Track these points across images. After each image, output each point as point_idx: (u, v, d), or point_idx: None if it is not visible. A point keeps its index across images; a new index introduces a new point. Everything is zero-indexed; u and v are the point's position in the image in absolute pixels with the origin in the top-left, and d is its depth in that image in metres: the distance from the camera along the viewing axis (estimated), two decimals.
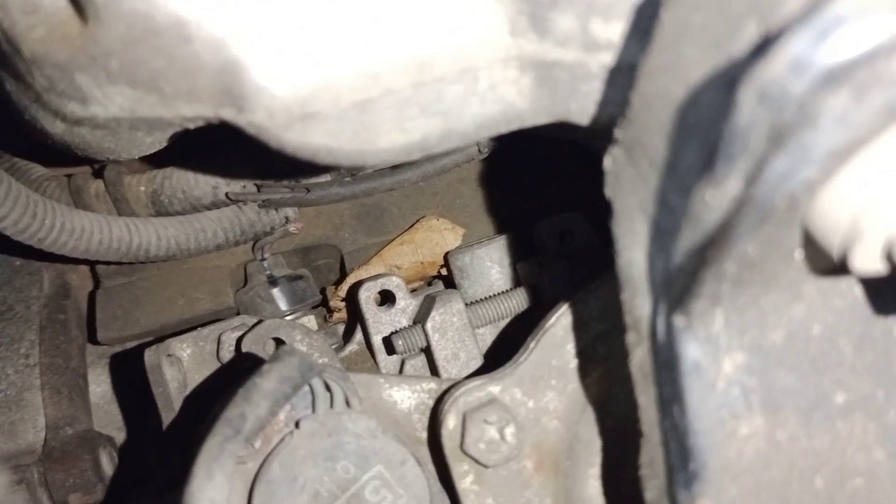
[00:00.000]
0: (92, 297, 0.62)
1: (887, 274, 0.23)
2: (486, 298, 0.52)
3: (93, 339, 0.61)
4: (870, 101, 0.19)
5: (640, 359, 0.29)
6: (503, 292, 0.53)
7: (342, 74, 0.29)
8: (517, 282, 0.54)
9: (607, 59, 0.28)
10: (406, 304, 0.54)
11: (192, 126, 0.32)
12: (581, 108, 0.30)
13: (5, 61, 0.32)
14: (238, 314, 0.59)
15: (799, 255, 0.24)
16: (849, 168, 0.21)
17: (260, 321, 0.50)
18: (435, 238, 0.60)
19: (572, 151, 0.60)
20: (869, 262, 0.23)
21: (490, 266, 0.56)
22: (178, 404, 0.48)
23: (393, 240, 0.61)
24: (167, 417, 0.47)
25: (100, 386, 0.63)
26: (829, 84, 0.18)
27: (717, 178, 0.21)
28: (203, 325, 0.52)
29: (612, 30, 0.27)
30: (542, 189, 0.60)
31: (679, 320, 0.27)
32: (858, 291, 0.27)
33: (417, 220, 0.60)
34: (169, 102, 0.30)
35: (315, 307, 0.63)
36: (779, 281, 0.26)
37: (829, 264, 0.24)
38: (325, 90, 0.29)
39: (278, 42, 0.28)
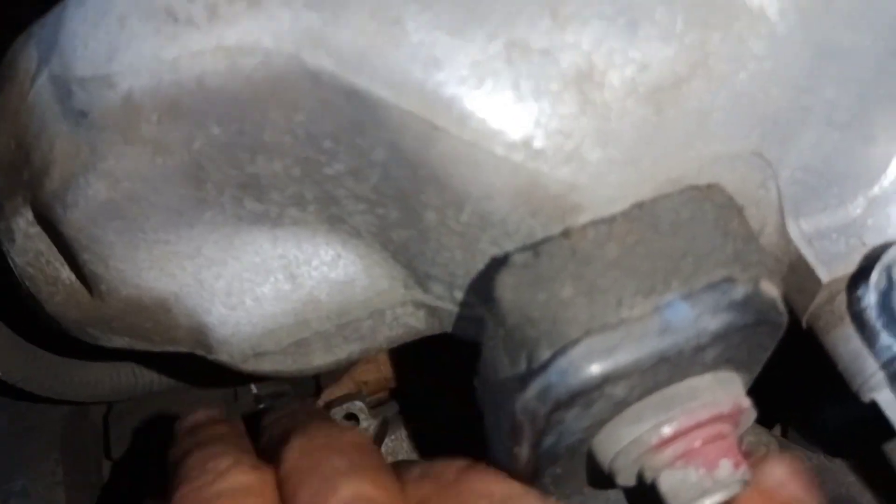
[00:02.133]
0: (106, 418, 0.72)
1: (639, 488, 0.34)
2: None
3: (107, 454, 0.72)
4: (593, 407, 0.29)
5: None
6: None
7: (281, 326, 0.40)
8: None
9: (470, 312, 0.39)
10: (368, 425, 0.65)
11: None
12: (460, 332, 0.41)
13: (31, 311, 0.43)
14: None
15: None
16: (602, 431, 0.32)
17: None
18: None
19: None
20: (629, 483, 0.33)
21: None
22: None
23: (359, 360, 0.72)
24: None
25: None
26: (563, 406, 0.29)
27: (517, 441, 0.32)
28: None
29: (469, 297, 0.38)
30: None
31: None
32: None
33: None
34: (157, 346, 0.41)
35: None
36: (591, 481, 0.37)
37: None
38: (269, 337, 0.40)
39: (233, 308, 0.39)
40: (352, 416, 0.67)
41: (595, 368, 0.28)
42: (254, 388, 0.73)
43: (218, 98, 0.32)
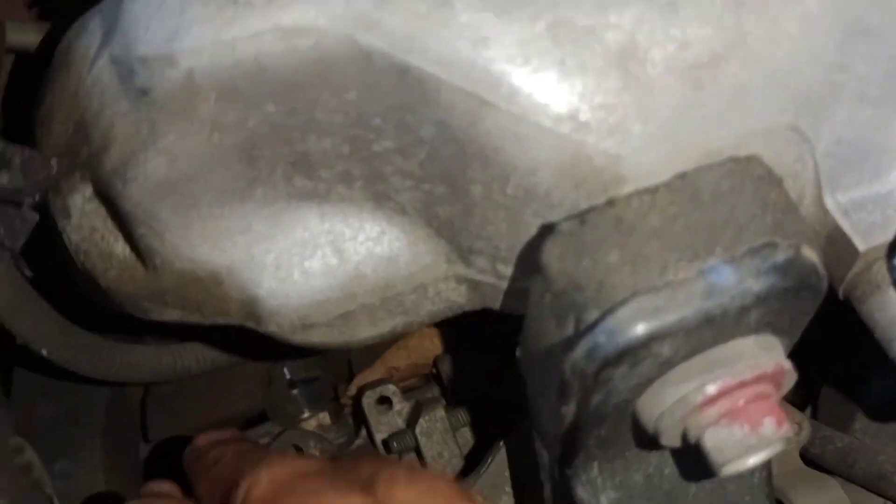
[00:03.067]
0: (143, 402, 0.74)
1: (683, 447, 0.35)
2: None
3: (145, 437, 0.74)
4: (640, 366, 0.31)
5: (547, 492, 0.41)
6: None
7: (328, 298, 0.41)
8: None
9: (509, 284, 0.40)
10: (401, 408, 0.66)
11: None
12: (502, 306, 0.42)
13: (85, 285, 0.45)
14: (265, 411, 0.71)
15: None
16: (648, 392, 0.33)
17: (282, 431, 0.62)
18: (426, 343, 0.73)
19: None
20: (673, 443, 0.34)
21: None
22: None
23: (392, 344, 0.73)
24: None
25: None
26: (611, 364, 0.30)
27: (564, 400, 0.33)
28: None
29: (512, 270, 0.39)
30: None
31: (567, 470, 0.39)
32: None
33: None
34: (208, 318, 0.43)
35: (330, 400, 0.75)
36: (634, 443, 0.38)
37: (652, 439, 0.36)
38: (316, 309, 0.41)
39: (282, 281, 0.41)
40: (385, 400, 0.69)
41: (642, 327, 0.29)
42: (287, 374, 0.74)
43: (274, 78, 0.33)
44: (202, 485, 0.39)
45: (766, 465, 0.40)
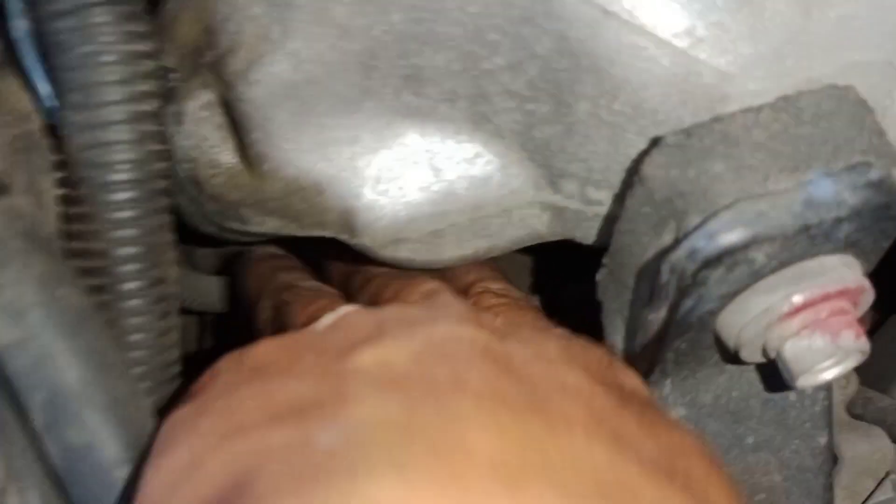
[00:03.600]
0: (200, 339, 0.77)
1: (766, 362, 0.37)
2: None
3: None
4: (735, 271, 0.33)
5: None
6: None
7: (423, 215, 0.44)
8: None
9: (598, 210, 0.42)
10: None
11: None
12: (582, 235, 0.44)
13: (188, 194, 0.47)
14: None
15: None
16: (734, 303, 0.35)
17: None
18: None
19: None
20: (752, 357, 0.37)
21: None
22: None
23: None
24: None
25: None
26: (710, 265, 0.32)
27: (653, 308, 0.35)
28: None
29: (602, 194, 0.41)
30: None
31: None
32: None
33: None
34: (305, 229, 0.45)
35: None
36: (708, 362, 0.40)
37: (732, 355, 0.38)
38: (410, 225, 0.44)
39: (381, 194, 0.43)
40: None
41: (743, 230, 0.32)
42: None
43: None
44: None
45: (828, 396, 0.43)
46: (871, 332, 0.58)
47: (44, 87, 0.40)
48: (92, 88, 0.38)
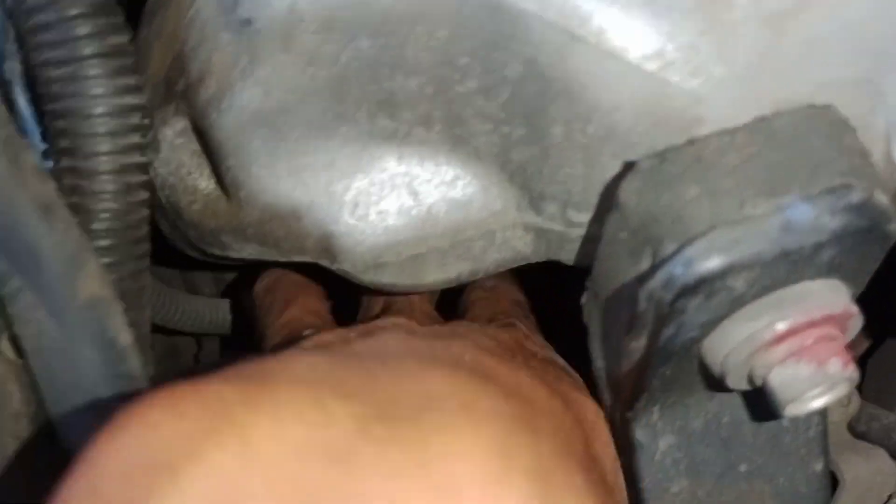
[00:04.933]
0: (196, 357, 0.77)
1: (752, 389, 0.36)
2: None
3: None
4: (714, 299, 0.32)
5: None
6: None
7: (403, 239, 0.43)
8: None
9: (580, 232, 0.41)
10: None
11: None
12: (566, 257, 0.43)
13: (168, 220, 0.47)
14: None
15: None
16: (716, 330, 0.34)
17: None
18: None
19: None
20: (738, 384, 0.35)
21: None
22: None
23: None
24: None
25: None
26: (687, 294, 0.31)
27: (633, 336, 0.34)
28: None
29: (583, 216, 0.40)
30: None
31: (628, 414, 0.40)
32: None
33: None
34: (285, 255, 0.44)
35: None
36: (695, 387, 0.39)
37: (717, 382, 0.37)
38: (390, 249, 0.43)
39: (359, 219, 0.42)
40: None
41: (720, 258, 0.31)
42: None
43: (371, 11, 0.35)
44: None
45: (822, 420, 0.41)
46: (866, 357, 0.57)
47: (33, 130, 0.40)
48: (81, 139, 0.38)
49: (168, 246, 0.51)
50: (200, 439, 0.25)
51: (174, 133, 0.43)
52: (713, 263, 0.31)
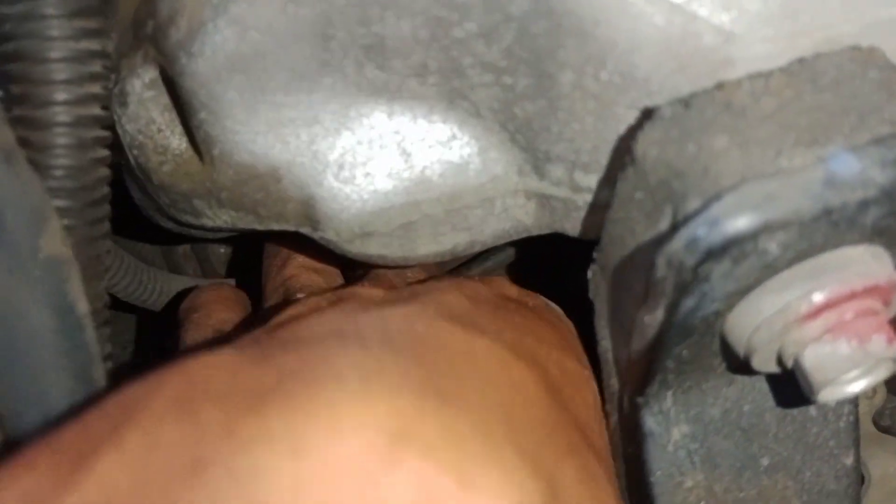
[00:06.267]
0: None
1: (781, 372, 0.32)
2: None
3: None
4: (743, 265, 0.28)
5: (613, 423, 0.38)
6: None
7: (392, 205, 0.39)
8: None
9: (588, 197, 0.37)
10: None
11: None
12: (572, 227, 0.39)
13: (138, 184, 0.43)
14: None
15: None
16: (743, 303, 0.30)
17: None
18: None
19: None
20: (765, 366, 0.31)
21: None
22: None
23: None
24: None
25: None
26: (713, 257, 0.27)
27: (648, 308, 0.30)
28: None
29: (591, 179, 0.36)
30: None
31: (638, 399, 0.36)
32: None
33: None
34: (263, 221, 0.40)
35: None
36: (714, 370, 0.35)
37: (741, 363, 0.33)
38: (379, 216, 0.39)
39: (344, 182, 0.38)
40: None
41: (751, 216, 0.27)
42: None
43: None
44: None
45: (854, 410, 0.37)
46: None
47: None
48: (34, 85, 0.34)
49: (149, 222, 0.47)
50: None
51: (143, 84, 0.39)
52: (743, 222, 0.27)
